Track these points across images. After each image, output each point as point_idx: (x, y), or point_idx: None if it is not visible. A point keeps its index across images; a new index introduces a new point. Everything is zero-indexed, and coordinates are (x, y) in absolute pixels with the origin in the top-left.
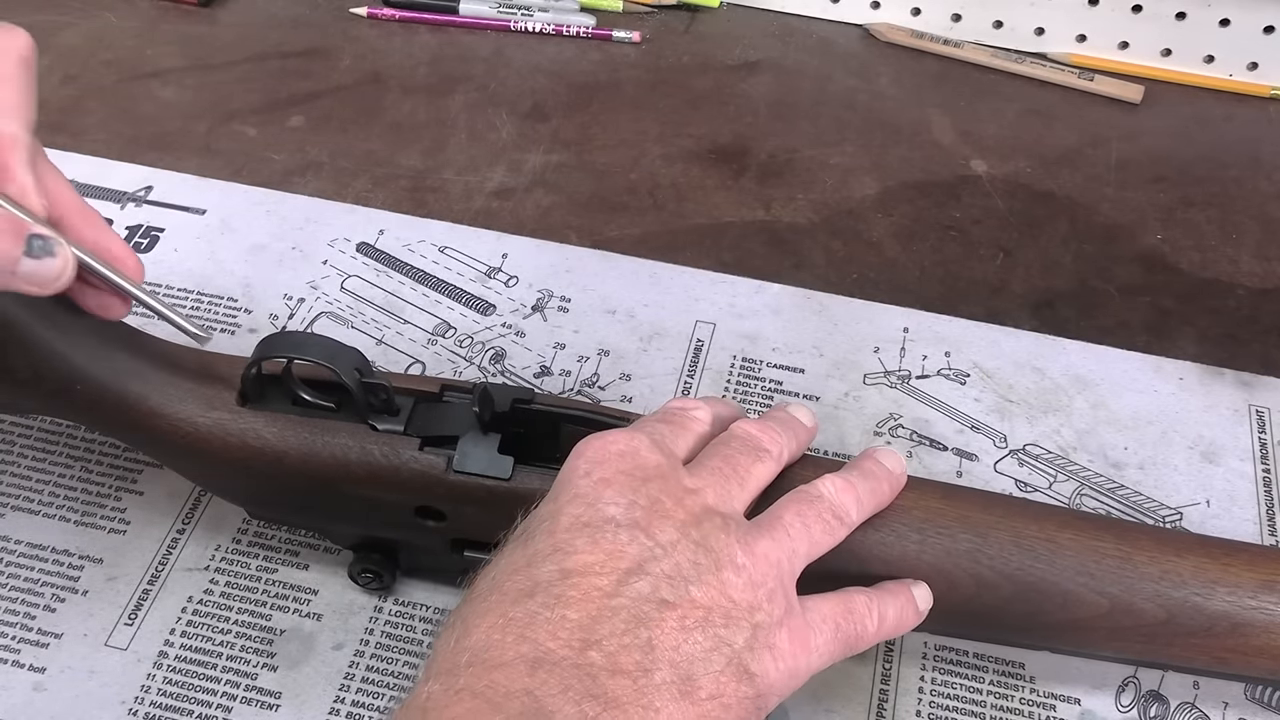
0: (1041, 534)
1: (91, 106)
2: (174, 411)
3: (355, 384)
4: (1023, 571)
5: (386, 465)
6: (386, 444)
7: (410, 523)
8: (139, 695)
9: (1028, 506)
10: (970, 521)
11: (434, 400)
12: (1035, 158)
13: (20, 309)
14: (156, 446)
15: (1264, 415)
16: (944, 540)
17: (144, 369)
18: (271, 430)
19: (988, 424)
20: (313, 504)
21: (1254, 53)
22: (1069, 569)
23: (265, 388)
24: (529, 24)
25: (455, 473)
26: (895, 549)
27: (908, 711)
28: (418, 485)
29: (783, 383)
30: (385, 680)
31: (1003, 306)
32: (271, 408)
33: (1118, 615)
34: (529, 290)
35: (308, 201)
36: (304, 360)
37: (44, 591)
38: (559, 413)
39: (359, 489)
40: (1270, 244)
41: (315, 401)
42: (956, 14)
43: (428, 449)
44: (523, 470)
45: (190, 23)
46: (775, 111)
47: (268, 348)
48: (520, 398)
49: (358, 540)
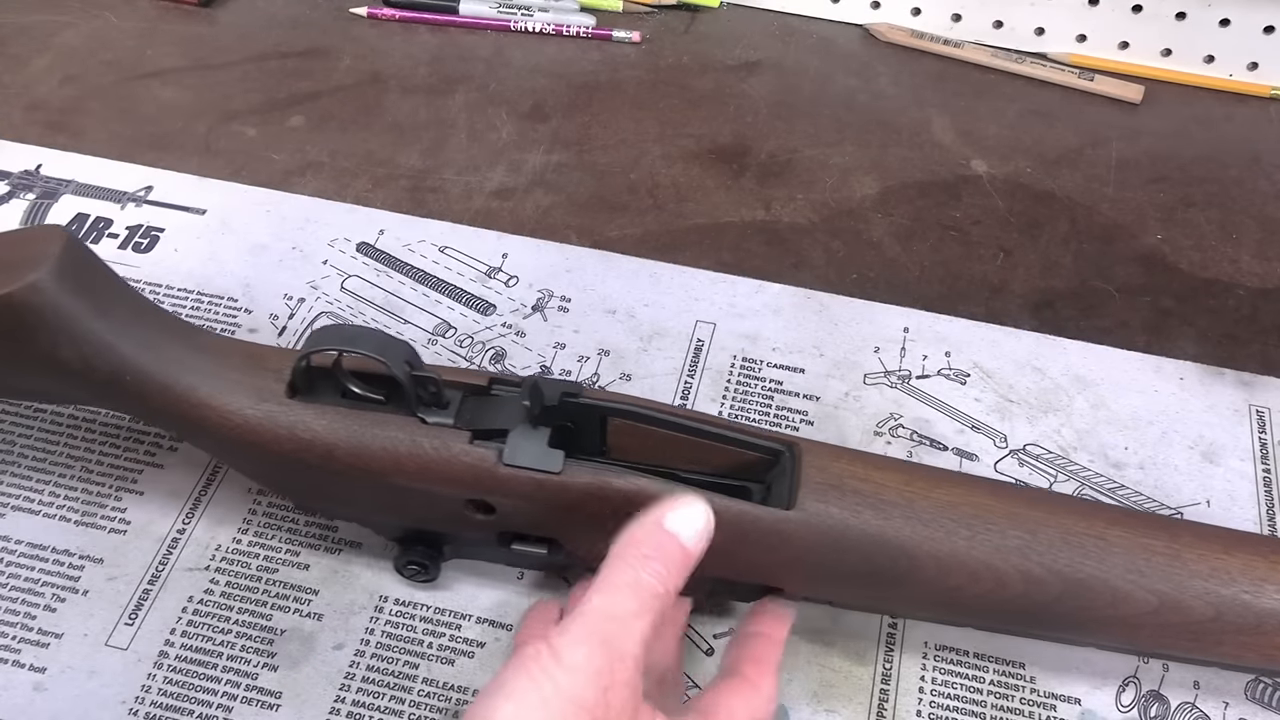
0: (1091, 531)
1: (91, 106)
2: (223, 403)
3: (406, 377)
4: (1072, 568)
5: (437, 458)
6: (437, 437)
7: (459, 515)
8: (139, 695)
9: (1076, 504)
10: (1019, 518)
11: (482, 394)
12: (1035, 158)
13: (71, 300)
14: (205, 437)
15: (1264, 415)
16: (993, 536)
17: (193, 360)
18: (321, 422)
19: (988, 424)
20: (362, 496)
21: (1254, 53)
22: (1118, 566)
23: (314, 380)
24: (529, 24)
25: (506, 466)
26: (945, 545)
27: (908, 711)
28: (468, 478)
29: (783, 382)
30: (385, 680)
31: (1003, 306)
32: (321, 400)
33: (1166, 612)
34: (529, 290)
35: (308, 201)
36: (356, 353)
37: (44, 591)
38: (606, 406)
39: (409, 482)
40: (1270, 244)
41: (365, 394)
42: (956, 14)
43: (478, 442)
44: (572, 463)
45: (190, 23)
46: (775, 111)
47: (319, 340)
48: (569, 391)
49: (403, 532)
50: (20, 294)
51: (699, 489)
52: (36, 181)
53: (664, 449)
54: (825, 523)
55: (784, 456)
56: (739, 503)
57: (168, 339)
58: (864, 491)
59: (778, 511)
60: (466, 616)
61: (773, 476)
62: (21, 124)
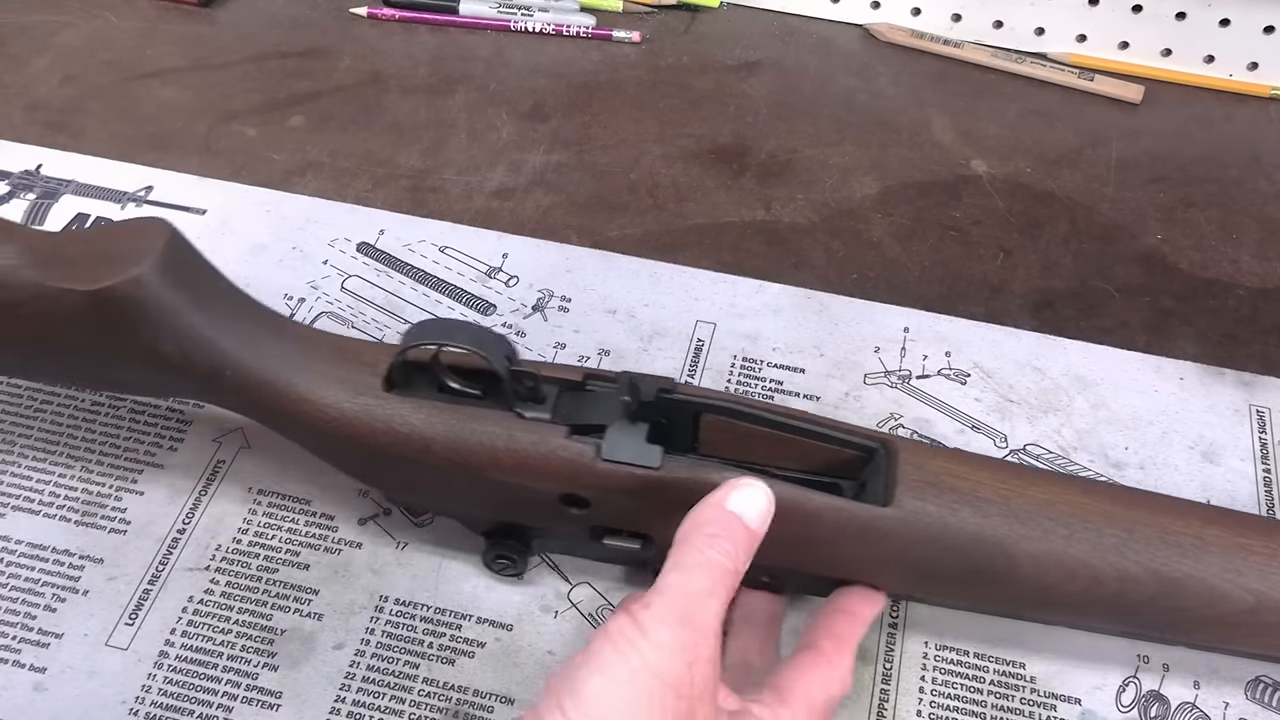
0: (1187, 530)
1: (91, 106)
2: (321, 397)
3: (505, 371)
4: (1168, 567)
5: (535, 453)
6: (535, 432)
7: (552, 510)
8: (140, 695)
9: (1171, 502)
10: (1114, 516)
11: (577, 389)
12: (1035, 158)
13: (173, 294)
14: (302, 431)
15: (1264, 415)
16: (1090, 534)
17: (291, 355)
18: (419, 416)
19: (988, 424)
20: (455, 490)
21: (1254, 53)
22: (1215, 565)
23: (410, 374)
24: (529, 24)
25: (604, 461)
26: (1042, 544)
27: (908, 711)
28: (566, 473)
29: (783, 382)
30: (386, 680)
31: (1003, 306)
32: (417, 394)
33: (1263, 612)
34: (529, 290)
35: (308, 201)
36: (456, 347)
37: (45, 591)
38: (701, 402)
39: (506, 476)
40: (1270, 244)
41: (462, 389)
42: (956, 14)
43: (575, 437)
44: (670, 459)
45: (190, 23)
46: (775, 111)
47: (419, 334)
48: (664, 387)
49: (492, 526)
50: (123, 287)
51: (794, 485)
52: (37, 181)
53: (753, 445)
54: (923, 520)
55: (878, 454)
56: (836, 499)
57: (266, 333)
58: (961, 489)
59: (875, 508)
60: (467, 617)
61: (866, 474)
62: (21, 124)
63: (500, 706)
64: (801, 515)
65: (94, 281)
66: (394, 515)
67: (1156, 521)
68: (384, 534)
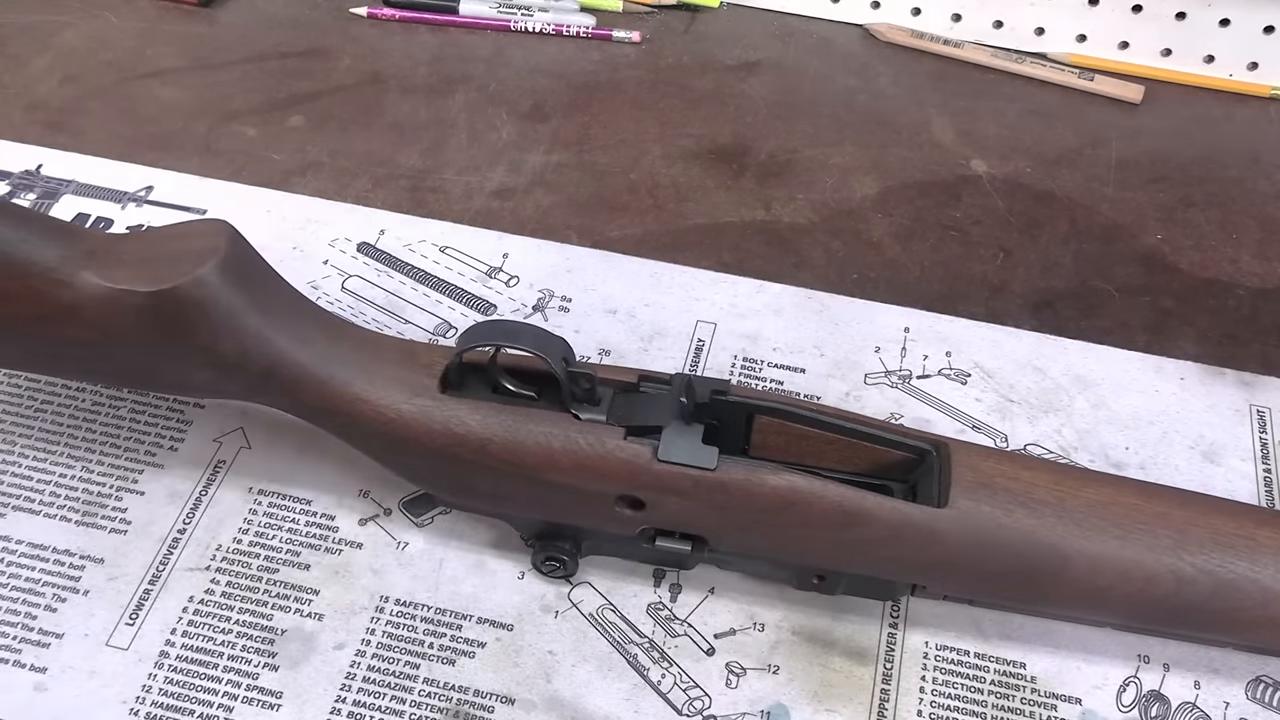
0: (1240, 531)
1: (91, 106)
2: (377, 397)
3: (563, 373)
4: (1223, 568)
5: (592, 454)
6: (591, 433)
7: (608, 512)
8: (140, 695)
9: (1224, 504)
10: (1169, 518)
11: (632, 390)
12: (1035, 158)
13: (233, 294)
14: (358, 433)
15: (1265, 415)
16: (1145, 536)
17: (347, 355)
18: (475, 418)
19: (989, 424)
20: (511, 491)
21: (1254, 53)
22: (1269, 566)
23: (465, 375)
24: (529, 24)
25: (660, 462)
26: (1097, 545)
27: (909, 711)
28: (623, 474)
29: (784, 382)
30: (387, 680)
31: (1003, 306)
32: (473, 395)
33: None
34: (530, 290)
35: (308, 201)
36: (514, 349)
37: (45, 591)
38: (755, 404)
39: (562, 477)
40: (1270, 244)
41: (518, 390)
42: (956, 14)
43: (632, 438)
44: (725, 460)
45: (190, 23)
46: (775, 111)
47: (476, 336)
48: (718, 389)
49: (543, 528)
50: (185, 287)
51: (849, 486)
52: (37, 181)
53: (805, 447)
54: (978, 521)
55: (930, 455)
56: (893, 500)
57: (323, 334)
58: (1015, 490)
59: (930, 510)
60: (467, 617)
61: (918, 475)
62: (21, 124)
63: (500, 706)
64: (856, 517)
65: (156, 282)
66: (394, 515)
67: (1210, 523)
68: (384, 534)
